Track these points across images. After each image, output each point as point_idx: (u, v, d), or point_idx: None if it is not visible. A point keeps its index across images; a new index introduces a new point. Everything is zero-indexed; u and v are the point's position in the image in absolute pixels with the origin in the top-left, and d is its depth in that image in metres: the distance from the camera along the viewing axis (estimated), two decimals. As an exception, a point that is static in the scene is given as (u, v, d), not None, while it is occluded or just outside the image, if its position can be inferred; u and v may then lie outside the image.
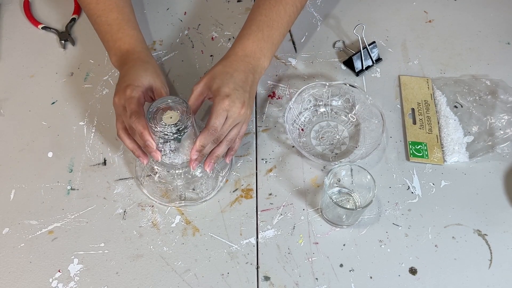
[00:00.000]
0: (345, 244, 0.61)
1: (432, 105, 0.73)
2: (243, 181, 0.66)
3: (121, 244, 0.61)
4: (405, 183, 0.66)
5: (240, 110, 0.60)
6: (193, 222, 0.63)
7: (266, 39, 0.66)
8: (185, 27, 0.83)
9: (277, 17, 0.68)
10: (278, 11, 0.68)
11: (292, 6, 0.69)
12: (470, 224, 0.63)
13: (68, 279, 0.59)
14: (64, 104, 0.74)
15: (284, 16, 0.68)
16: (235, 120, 0.60)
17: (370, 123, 0.69)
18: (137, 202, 0.64)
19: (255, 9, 0.69)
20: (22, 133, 0.71)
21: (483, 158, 0.68)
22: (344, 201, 0.64)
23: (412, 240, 0.61)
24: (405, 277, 0.59)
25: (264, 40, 0.66)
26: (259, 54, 0.66)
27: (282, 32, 0.69)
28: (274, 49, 0.68)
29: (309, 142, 0.69)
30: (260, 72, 0.67)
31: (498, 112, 0.71)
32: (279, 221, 0.63)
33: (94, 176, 0.67)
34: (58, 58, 0.79)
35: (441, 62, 0.78)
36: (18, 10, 0.86)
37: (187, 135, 0.56)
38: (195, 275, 0.59)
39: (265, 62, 0.67)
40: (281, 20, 0.68)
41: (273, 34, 0.67)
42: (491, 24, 0.83)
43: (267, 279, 0.59)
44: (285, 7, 0.68)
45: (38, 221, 0.63)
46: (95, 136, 0.70)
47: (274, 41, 0.68)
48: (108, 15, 0.68)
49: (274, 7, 0.68)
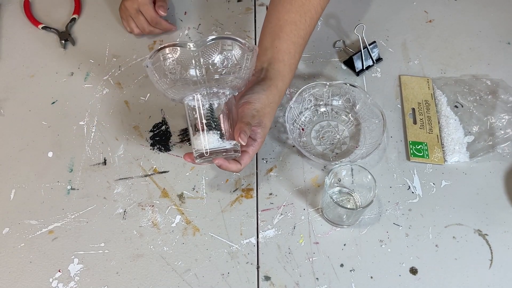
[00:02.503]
0: (346, 244, 0.61)
1: (432, 105, 0.73)
2: (244, 180, 0.66)
3: (121, 244, 0.61)
4: (405, 183, 0.66)
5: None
6: (193, 222, 0.63)
7: (294, 68, 0.64)
8: (185, 27, 0.83)
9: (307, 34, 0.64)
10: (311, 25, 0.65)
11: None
12: (471, 224, 0.63)
13: (68, 279, 0.59)
14: (64, 104, 0.74)
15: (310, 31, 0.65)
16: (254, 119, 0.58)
17: (371, 123, 0.69)
18: (137, 202, 0.64)
19: (295, 22, 0.63)
20: (22, 133, 0.71)
21: (483, 158, 0.68)
22: (344, 201, 0.64)
23: (413, 240, 0.61)
24: (406, 277, 0.59)
25: (293, 69, 0.64)
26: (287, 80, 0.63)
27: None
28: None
29: (309, 141, 0.69)
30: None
31: (498, 112, 0.71)
32: (279, 221, 0.63)
33: (94, 176, 0.67)
34: (58, 58, 0.79)
35: (441, 62, 0.78)
36: (18, 10, 0.86)
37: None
38: (195, 275, 0.59)
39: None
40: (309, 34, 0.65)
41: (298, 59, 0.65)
42: (491, 24, 0.83)
43: (267, 279, 0.59)
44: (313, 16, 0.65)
45: (38, 221, 0.63)
46: (95, 136, 0.70)
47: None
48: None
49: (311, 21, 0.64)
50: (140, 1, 0.77)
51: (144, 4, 0.77)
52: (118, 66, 0.78)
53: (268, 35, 0.63)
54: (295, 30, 0.62)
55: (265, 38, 0.63)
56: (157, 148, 0.69)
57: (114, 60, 0.79)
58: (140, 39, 0.81)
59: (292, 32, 0.62)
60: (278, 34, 0.62)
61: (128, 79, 0.76)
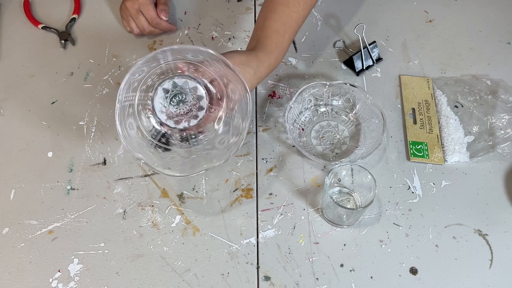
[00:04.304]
0: (346, 244, 0.61)
1: (432, 104, 0.72)
2: (243, 180, 0.66)
3: (121, 244, 0.61)
4: (405, 183, 0.66)
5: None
6: (193, 222, 0.63)
7: (274, 64, 0.64)
8: (185, 26, 0.83)
9: (292, 29, 0.65)
10: (298, 21, 0.66)
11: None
12: (471, 224, 0.63)
13: (68, 279, 0.59)
14: (64, 104, 0.74)
15: (295, 26, 0.66)
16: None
17: (371, 123, 0.69)
18: (137, 202, 0.64)
19: (274, 19, 0.65)
20: (22, 133, 0.71)
21: (483, 158, 0.67)
22: (344, 201, 0.64)
23: (413, 240, 0.61)
24: (406, 277, 0.59)
25: (280, 46, 0.64)
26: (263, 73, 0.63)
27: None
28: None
29: (309, 141, 0.69)
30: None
31: (498, 112, 0.71)
32: (279, 221, 0.63)
33: (94, 176, 0.67)
34: (58, 58, 0.79)
35: (441, 61, 0.78)
36: (18, 10, 0.86)
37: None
38: (195, 275, 0.59)
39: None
40: (293, 31, 0.66)
41: (279, 57, 0.65)
42: (491, 24, 0.83)
43: (267, 279, 0.59)
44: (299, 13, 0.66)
45: (38, 221, 0.63)
46: (95, 136, 0.70)
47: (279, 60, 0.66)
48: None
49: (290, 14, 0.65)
50: (141, 1, 0.77)
51: (145, 4, 0.77)
52: (118, 66, 0.78)
53: (261, 18, 0.66)
54: (286, 11, 0.65)
55: (258, 20, 0.66)
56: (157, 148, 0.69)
57: (114, 60, 0.79)
58: (140, 39, 0.81)
59: (284, 13, 0.65)
60: (270, 15, 0.65)
61: (128, 79, 0.76)
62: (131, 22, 0.79)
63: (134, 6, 0.77)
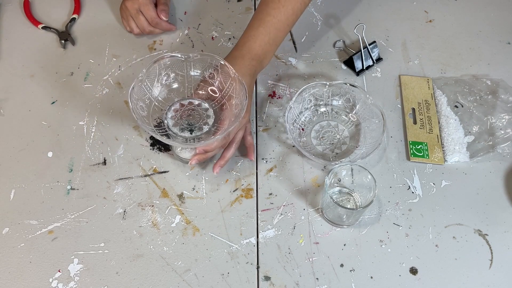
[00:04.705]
0: (346, 244, 0.61)
1: (432, 104, 0.72)
2: (243, 180, 0.66)
3: (121, 244, 0.61)
4: (405, 183, 0.66)
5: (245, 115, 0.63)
6: (193, 222, 0.63)
7: (272, 43, 0.67)
8: (185, 26, 0.83)
9: (285, 18, 0.67)
10: (286, 11, 0.67)
11: (301, 4, 0.68)
12: (471, 224, 0.63)
13: (68, 279, 0.59)
14: (64, 104, 0.74)
15: (291, 16, 0.68)
16: (240, 124, 0.63)
17: (371, 123, 0.69)
18: (137, 202, 0.64)
19: (263, 8, 0.68)
20: (22, 133, 0.71)
21: (483, 158, 0.67)
22: (344, 201, 0.64)
23: (413, 240, 0.61)
24: (406, 277, 0.59)
25: (270, 43, 0.67)
26: (263, 57, 0.67)
27: (287, 32, 0.69)
28: (276, 50, 0.69)
29: (309, 141, 0.69)
30: (259, 73, 0.69)
31: (498, 112, 0.71)
32: (279, 221, 0.63)
33: (94, 176, 0.67)
34: (58, 58, 0.79)
35: (441, 61, 0.78)
36: (18, 10, 0.86)
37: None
38: (195, 275, 0.59)
39: (266, 64, 0.69)
40: (288, 21, 0.68)
41: (279, 37, 0.68)
42: (491, 24, 0.83)
43: (267, 279, 0.59)
44: (294, 6, 0.67)
45: (38, 221, 0.63)
46: (95, 135, 0.70)
47: (278, 43, 0.68)
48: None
49: (283, 7, 0.67)
50: (141, 1, 0.77)
51: (145, 4, 0.77)
52: (118, 66, 0.78)
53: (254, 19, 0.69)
54: (274, 13, 0.67)
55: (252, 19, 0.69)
56: (157, 148, 0.69)
57: (114, 60, 0.79)
58: (140, 39, 0.81)
59: (271, 15, 0.67)
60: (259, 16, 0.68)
61: (128, 79, 0.76)
62: (131, 22, 0.79)
63: (134, 6, 0.77)
